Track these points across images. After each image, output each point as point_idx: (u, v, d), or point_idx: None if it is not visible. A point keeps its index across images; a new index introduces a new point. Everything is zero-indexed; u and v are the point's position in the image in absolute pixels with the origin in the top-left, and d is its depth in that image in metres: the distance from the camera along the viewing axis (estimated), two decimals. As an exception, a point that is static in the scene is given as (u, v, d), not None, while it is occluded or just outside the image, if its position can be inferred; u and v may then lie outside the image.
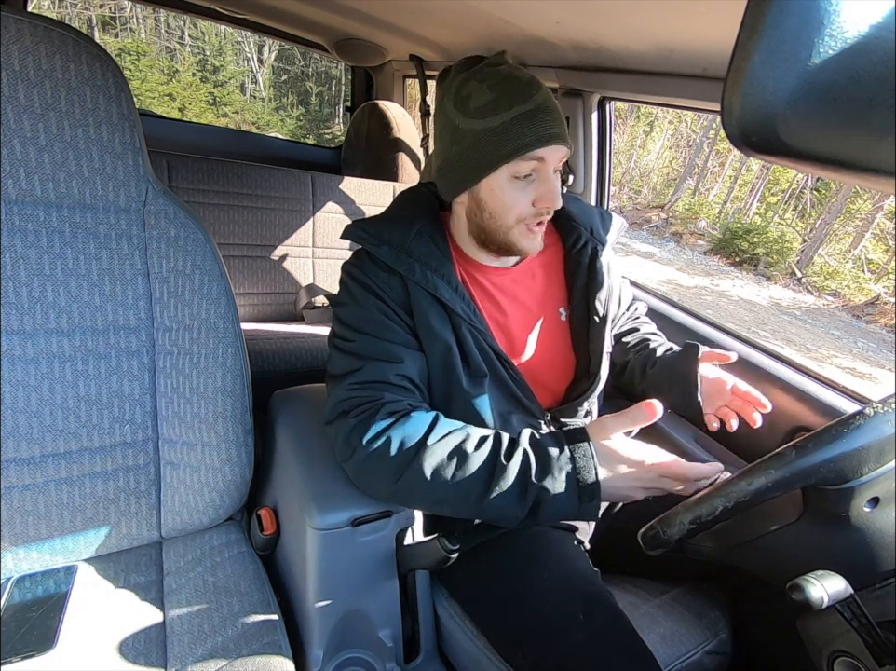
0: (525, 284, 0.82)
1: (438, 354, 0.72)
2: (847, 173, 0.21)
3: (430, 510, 0.68)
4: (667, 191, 12.91)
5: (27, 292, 0.70)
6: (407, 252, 0.72)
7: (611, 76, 1.13)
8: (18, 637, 0.65)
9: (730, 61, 0.20)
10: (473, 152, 0.68)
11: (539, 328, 0.83)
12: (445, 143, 0.72)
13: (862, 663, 0.47)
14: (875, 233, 10.60)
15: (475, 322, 0.73)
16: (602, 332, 0.82)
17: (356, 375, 0.69)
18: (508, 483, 0.61)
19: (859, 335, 7.59)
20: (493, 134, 0.66)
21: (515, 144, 0.66)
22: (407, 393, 0.70)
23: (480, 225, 0.74)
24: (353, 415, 0.67)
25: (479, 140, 0.67)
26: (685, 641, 0.76)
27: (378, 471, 0.65)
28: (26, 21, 0.64)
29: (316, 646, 0.69)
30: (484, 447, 0.64)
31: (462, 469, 0.62)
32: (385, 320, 0.71)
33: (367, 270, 0.73)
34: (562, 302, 0.85)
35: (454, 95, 0.70)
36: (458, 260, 0.79)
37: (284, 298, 1.67)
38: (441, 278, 0.72)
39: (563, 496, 0.61)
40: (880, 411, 0.46)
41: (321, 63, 13.07)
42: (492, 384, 0.75)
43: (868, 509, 0.49)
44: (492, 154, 0.67)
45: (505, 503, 0.62)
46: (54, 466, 0.74)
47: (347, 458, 0.67)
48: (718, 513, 0.50)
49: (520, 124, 0.65)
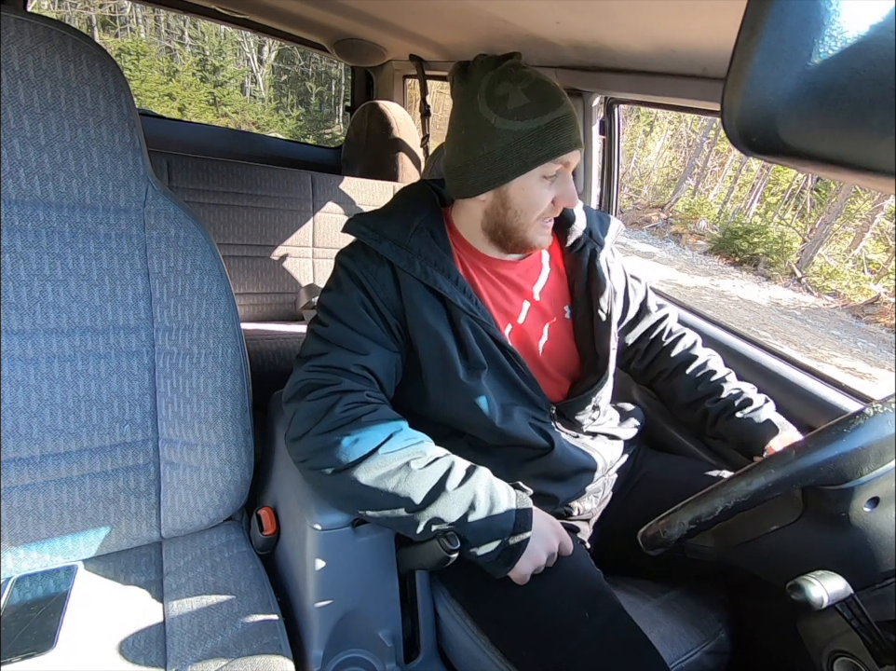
0: (531, 279, 0.84)
1: (433, 347, 0.73)
2: (847, 173, 0.21)
3: (355, 513, 0.69)
4: (667, 191, 12.91)
5: (27, 292, 0.70)
6: (407, 247, 0.73)
7: (611, 76, 1.13)
8: (18, 637, 0.65)
9: (730, 61, 0.20)
10: (511, 151, 0.70)
11: (545, 322, 0.84)
12: (472, 141, 0.72)
13: (862, 663, 0.47)
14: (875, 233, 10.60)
15: (477, 314, 0.74)
16: (608, 331, 0.83)
17: (319, 358, 0.71)
18: (447, 511, 0.64)
19: (859, 335, 7.59)
20: (532, 136, 0.69)
21: (551, 147, 0.70)
22: (366, 383, 0.71)
23: (500, 222, 0.76)
24: (311, 397, 0.68)
25: (518, 140, 0.70)
26: (685, 641, 0.76)
27: (321, 461, 0.66)
28: (26, 21, 0.64)
29: (316, 646, 0.69)
30: (434, 469, 0.66)
31: (404, 484, 0.64)
32: (362, 311, 0.73)
33: (358, 261, 0.75)
34: (566, 301, 0.86)
35: (485, 94, 0.71)
36: (462, 253, 0.80)
37: (284, 298, 1.67)
38: (440, 272, 0.73)
39: (489, 556, 0.65)
40: (880, 411, 0.46)
41: (321, 63, 13.07)
42: (494, 376, 0.76)
43: (868, 509, 0.49)
44: (529, 155, 0.70)
45: (429, 528, 0.65)
46: (54, 466, 0.74)
47: (297, 438, 0.68)
48: (718, 513, 0.50)
49: (556, 129, 0.70)
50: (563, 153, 0.71)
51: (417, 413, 0.77)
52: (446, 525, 0.64)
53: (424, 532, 0.65)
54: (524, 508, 0.67)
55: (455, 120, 0.76)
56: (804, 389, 0.94)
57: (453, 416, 0.77)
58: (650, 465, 0.91)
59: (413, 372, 0.77)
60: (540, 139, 0.69)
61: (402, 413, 0.73)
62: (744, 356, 1.06)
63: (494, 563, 0.66)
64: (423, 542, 0.68)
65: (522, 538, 0.65)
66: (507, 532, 0.65)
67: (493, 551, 0.65)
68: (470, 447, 0.78)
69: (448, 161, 0.78)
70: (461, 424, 0.77)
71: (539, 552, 0.67)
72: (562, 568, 0.70)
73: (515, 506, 0.67)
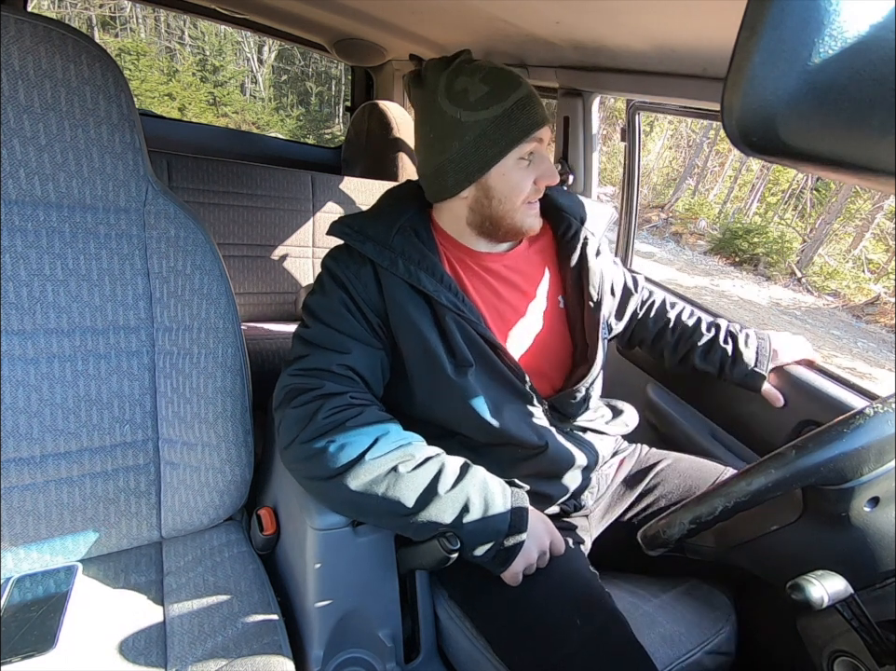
0: (521, 270, 0.83)
1: (417, 346, 0.73)
2: (847, 173, 0.21)
3: (352, 516, 0.69)
4: (667, 191, 12.91)
5: (27, 292, 0.70)
6: (390, 247, 0.73)
7: (611, 76, 1.13)
8: (18, 637, 0.65)
9: (730, 61, 0.20)
10: (483, 140, 0.71)
11: (537, 314, 0.84)
12: (442, 141, 0.73)
13: (862, 662, 0.47)
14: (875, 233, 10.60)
15: (464, 311, 0.73)
16: (597, 317, 0.83)
17: (302, 361, 0.71)
18: (440, 515, 0.64)
19: (859, 335, 7.59)
20: (500, 121, 0.70)
21: (521, 126, 0.71)
22: (350, 383, 0.71)
23: (487, 213, 0.76)
24: (294, 404, 0.68)
25: (487, 129, 0.70)
26: (685, 641, 0.76)
27: (309, 470, 0.66)
28: (26, 21, 0.64)
29: (316, 646, 0.69)
30: (424, 472, 0.66)
31: (394, 489, 0.64)
32: (344, 311, 0.73)
33: (341, 262, 0.75)
34: (560, 290, 0.87)
35: (445, 92, 0.71)
36: (449, 250, 0.80)
37: (284, 298, 1.67)
38: (424, 270, 0.73)
39: (484, 557, 0.65)
40: (880, 411, 0.46)
41: (321, 63, 13.07)
42: (483, 373, 0.76)
43: (868, 509, 0.49)
44: (502, 140, 0.71)
45: (426, 530, 0.65)
46: (54, 466, 0.74)
47: (285, 447, 0.68)
48: (718, 513, 0.50)
49: (521, 108, 0.71)
50: (533, 130, 0.71)
51: (407, 414, 0.77)
52: (441, 527, 0.64)
53: (421, 534, 0.65)
54: (520, 507, 0.67)
55: (421, 126, 0.76)
56: (810, 384, 0.94)
57: (442, 415, 0.76)
58: (657, 462, 0.91)
59: (399, 372, 0.77)
60: (509, 122, 0.70)
61: (394, 414, 0.73)
62: None
63: (490, 563, 0.66)
64: (423, 542, 0.68)
65: (518, 539, 0.65)
66: (502, 533, 0.65)
67: (488, 551, 0.65)
68: (463, 447, 0.77)
69: (422, 169, 0.78)
70: (452, 423, 0.77)
71: (531, 550, 0.67)
72: (556, 570, 0.70)
73: (510, 505, 0.67)
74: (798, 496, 0.52)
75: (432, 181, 0.77)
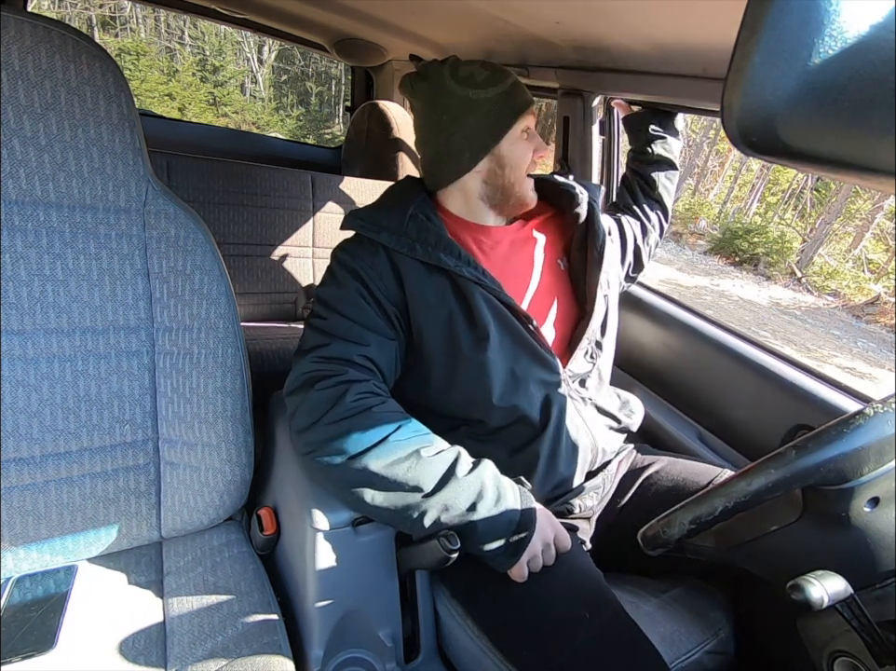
0: (524, 240, 0.89)
1: (438, 327, 0.76)
2: (847, 173, 0.21)
3: (360, 507, 0.68)
4: (667, 191, 12.88)
5: (27, 292, 0.70)
6: (406, 234, 0.76)
7: (611, 76, 1.13)
8: (18, 637, 0.65)
9: (730, 60, 0.20)
10: (494, 111, 0.79)
11: (544, 277, 0.88)
12: (457, 119, 0.79)
13: (862, 663, 0.47)
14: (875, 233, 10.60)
15: (485, 282, 0.77)
16: (599, 268, 0.88)
17: (322, 349, 0.72)
18: (456, 498, 0.65)
19: (859, 335, 7.59)
20: (505, 96, 0.80)
21: (521, 101, 0.81)
22: (370, 374, 0.73)
23: (499, 183, 0.83)
24: (318, 387, 0.68)
25: (496, 103, 0.79)
26: (685, 641, 0.76)
27: (330, 450, 0.66)
28: (26, 21, 0.64)
29: (316, 646, 0.69)
30: (443, 457, 0.67)
31: (415, 471, 0.65)
32: (361, 302, 0.74)
33: (355, 254, 0.77)
34: (559, 254, 0.93)
35: (452, 77, 0.79)
36: (458, 230, 0.84)
37: (284, 298, 1.66)
38: (442, 250, 0.76)
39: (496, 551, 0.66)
40: (880, 411, 0.46)
41: (321, 63, 13.07)
42: (505, 340, 0.78)
43: (868, 509, 0.49)
44: (509, 111, 0.80)
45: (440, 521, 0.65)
46: (54, 466, 0.74)
47: (305, 428, 0.68)
48: (718, 513, 0.50)
49: (517, 87, 0.81)
50: (530, 104, 0.82)
51: (416, 403, 0.78)
52: (455, 514, 0.65)
53: (430, 525, 0.65)
54: (527, 500, 0.69)
55: (431, 112, 0.82)
56: (802, 387, 0.94)
57: (457, 399, 0.78)
58: (651, 464, 0.91)
59: (413, 361, 0.78)
60: (512, 97, 0.80)
61: (401, 404, 0.74)
62: (742, 355, 1.06)
63: (501, 555, 0.66)
64: (423, 542, 0.68)
65: (527, 531, 0.66)
66: (514, 523, 0.66)
67: (500, 542, 0.65)
68: (470, 438, 0.78)
69: (434, 153, 0.83)
70: (465, 407, 0.79)
71: (536, 543, 0.68)
72: (561, 568, 0.70)
73: (519, 497, 0.68)
74: (798, 496, 0.52)
75: (446, 161, 0.82)
